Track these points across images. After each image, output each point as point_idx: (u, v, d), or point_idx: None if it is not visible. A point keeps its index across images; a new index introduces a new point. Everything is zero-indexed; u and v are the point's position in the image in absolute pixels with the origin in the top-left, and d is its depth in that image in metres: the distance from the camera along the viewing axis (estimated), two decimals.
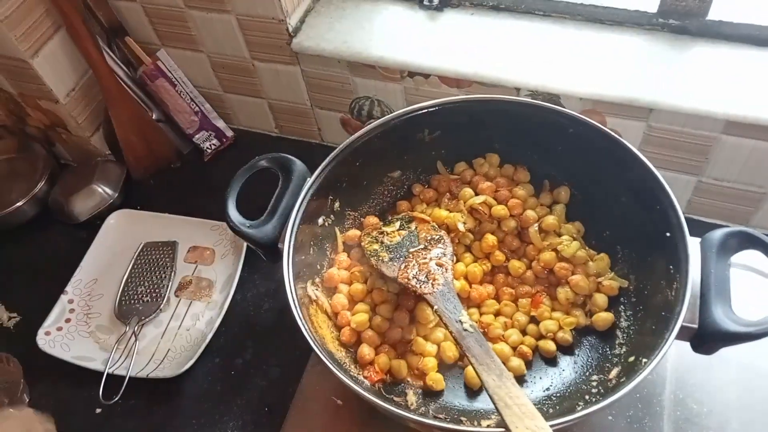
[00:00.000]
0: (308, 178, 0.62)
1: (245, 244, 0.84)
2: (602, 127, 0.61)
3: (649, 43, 0.73)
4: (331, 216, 0.67)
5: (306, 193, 0.60)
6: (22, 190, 0.93)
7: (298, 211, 0.59)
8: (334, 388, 0.61)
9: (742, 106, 0.66)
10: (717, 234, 0.52)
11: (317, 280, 0.63)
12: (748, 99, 0.66)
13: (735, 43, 0.71)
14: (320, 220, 0.64)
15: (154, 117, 0.95)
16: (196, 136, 0.98)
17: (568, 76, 0.72)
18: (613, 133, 0.60)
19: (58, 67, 0.85)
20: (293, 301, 0.55)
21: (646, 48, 0.73)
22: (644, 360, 0.48)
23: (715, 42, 0.71)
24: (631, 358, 0.53)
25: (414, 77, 0.79)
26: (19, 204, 0.91)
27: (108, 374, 0.73)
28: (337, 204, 0.67)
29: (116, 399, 0.72)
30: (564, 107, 0.64)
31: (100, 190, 0.92)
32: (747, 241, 0.52)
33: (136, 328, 0.78)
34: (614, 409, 0.56)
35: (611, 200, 0.63)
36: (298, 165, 0.62)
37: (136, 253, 0.85)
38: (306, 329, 0.53)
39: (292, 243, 0.58)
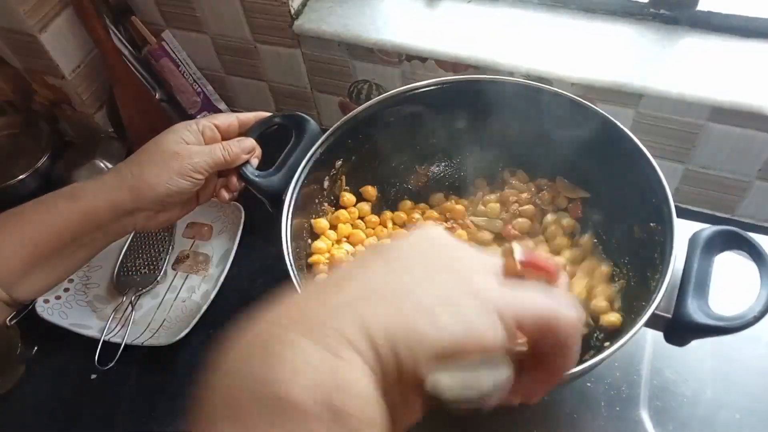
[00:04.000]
0: (320, 138, 0.64)
1: (242, 220, 0.85)
2: (605, 113, 0.62)
3: (640, 33, 0.75)
4: (336, 179, 0.70)
5: (315, 151, 0.63)
6: (25, 165, 0.94)
7: (305, 166, 0.62)
8: None
9: (727, 94, 0.68)
10: (706, 232, 0.53)
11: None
12: (734, 87, 0.68)
13: (722, 34, 0.73)
14: (326, 183, 0.67)
15: (157, 96, 0.97)
16: (198, 116, 1.00)
17: (561, 62, 0.74)
18: (616, 122, 0.62)
19: (65, 44, 0.87)
20: (287, 247, 0.56)
21: (638, 37, 0.75)
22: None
23: (703, 32, 0.73)
24: (606, 344, 0.55)
25: (411, 61, 0.81)
26: (21, 177, 0.93)
27: (104, 342, 0.75)
28: (343, 168, 0.69)
29: (111, 365, 0.73)
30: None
31: (102, 165, 0.93)
32: (734, 241, 0.53)
33: (133, 298, 0.80)
34: (593, 376, 0.57)
35: (610, 191, 0.65)
36: (312, 124, 0.65)
37: None
38: (297, 280, 0.55)
39: (295, 195, 0.61)
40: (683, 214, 0.78)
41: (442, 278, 0.29)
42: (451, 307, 0.27)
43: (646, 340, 0.60)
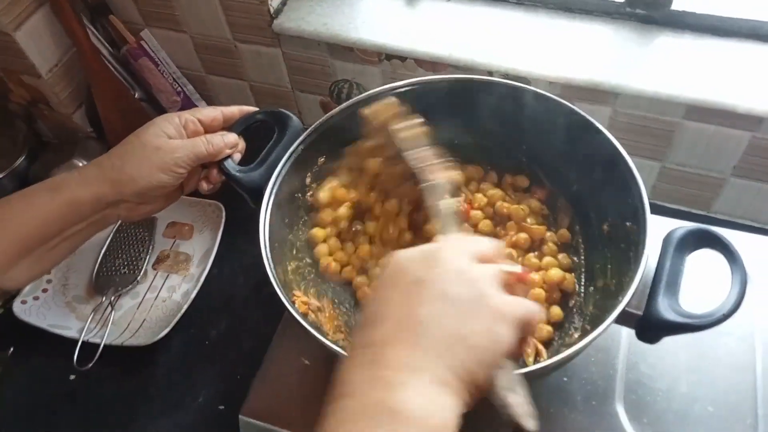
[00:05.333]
0: (302, 134, 0.64)
1: (223, 220, 0.85)
2: (583, 113, 0.62)
3: (616, 32, 0.76)
4: (318, 176, 0.69)
5: (297, 148, 0.63)
6: (1, 165, 0.93)
7: (286, 162, 0.62)
8: (302, 349, 0.63)
9: (701, 92, 0.69)
10: (679, 231, 0.54)
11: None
12: (708, 85, 0.69)
13: (697, 33, 0.74)
14: (308, 179, 0.67)
15: (136, 96, 0.96)
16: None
17: (539, 61, 0.75)
18: (594, 121, 0.62)
19: (42, 42, 0.86)
20: (265, 242, 0.57)
21: (614, 36, 0.76)
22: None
23: (678, 31, 0.74)
24: (578, 335, 0.56)
25: (391, 60, 0.82)
26: None
27: (83, 342, 0.75)
28: (325, 165, 0.69)
29: (90, 365, 0.73)
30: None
31: (80, 165, 0.93)
32: (707, 240, 0.53)
33: (112, 298, 0.80)
34: (569, 371, 0.58)
35: (588, 190, 0.65)
36: (295, 121, 0.65)
37: (115, 228, 0.87)
38: (273, 273, 0.54)
39: (275, 191, 0.61)
40: (659, 211, 0.79)
41: (481, 313, 0.39)
42: (491, 337, 0.38)
43: (621, 335, 0.60)
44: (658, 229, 0.53)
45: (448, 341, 0.37)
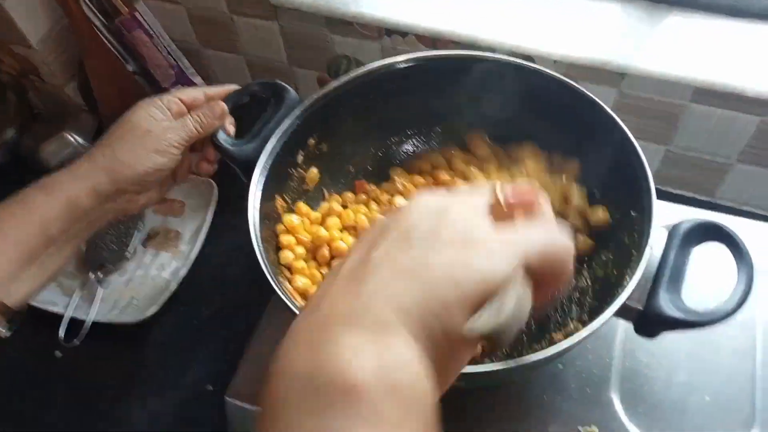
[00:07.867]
0: (298, 107, 0.62)
1: (215, 197, 0.83)
2: (590, 94, 0.60)
3: (625, 11, 0.74)
4: (311, 156, 0.67)
5: (293, 121, 0.61)
6: None
7: (280, 136, 0.60)
8: None
9: (710, 74, 0.67)
10: (686, 224, 0.52)
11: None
12: (717, 67, 0.67)
13: (707, 13, 0.71)
14: (300, 158, 0.65)
15: (130, 69, 0.94)
16: (172, 90, 0.97)
17: (544, 39, 0.72)
18: (603, 104, 0.60)
19: (32, 11, 0.84)
20: (253, 223, 0.55)
21: (622, 14, 0.73)
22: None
23: (688, 11, 0.72)
24: (578, 324, 0.55)
25: (391, 36, 0.79)
26: None
27: (70, 319, 0.73)
28: (319, 144, 0.67)
29: (75, 342, 0.72)
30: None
31: (71, 138, 0.91)
32: (714, 233, 0.51)
33: (100, 274, 0.78)
34: (564, 358, 0.57)
35: (593, 178, 0.64)
36: (291, 93, 0.63)
37: None
38: (261, 251, 0.53)
39: (267, 164, 0.59)
40: (662, 196, 0.78)
41: (446, 242, 0.30)
42: (462, 267, 0.29)
43: (619, 323, 0.58)
44: (661, 217, 0.52)
45: (399, 278, 0.29)
